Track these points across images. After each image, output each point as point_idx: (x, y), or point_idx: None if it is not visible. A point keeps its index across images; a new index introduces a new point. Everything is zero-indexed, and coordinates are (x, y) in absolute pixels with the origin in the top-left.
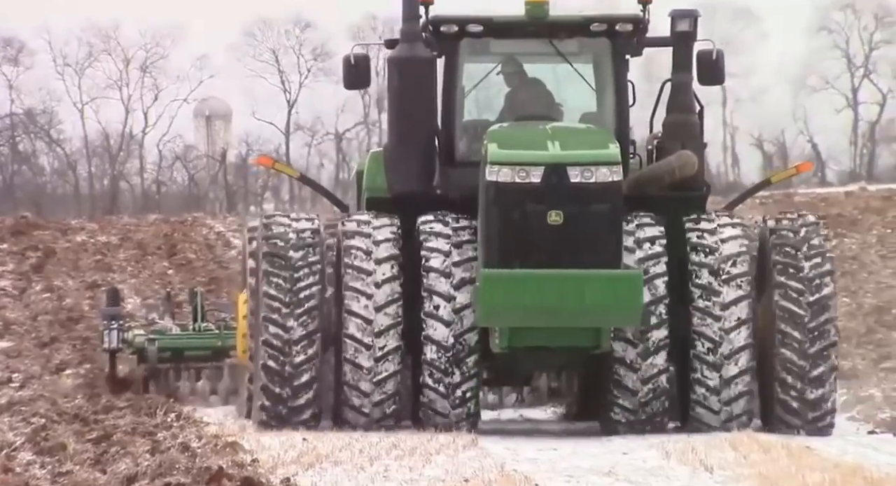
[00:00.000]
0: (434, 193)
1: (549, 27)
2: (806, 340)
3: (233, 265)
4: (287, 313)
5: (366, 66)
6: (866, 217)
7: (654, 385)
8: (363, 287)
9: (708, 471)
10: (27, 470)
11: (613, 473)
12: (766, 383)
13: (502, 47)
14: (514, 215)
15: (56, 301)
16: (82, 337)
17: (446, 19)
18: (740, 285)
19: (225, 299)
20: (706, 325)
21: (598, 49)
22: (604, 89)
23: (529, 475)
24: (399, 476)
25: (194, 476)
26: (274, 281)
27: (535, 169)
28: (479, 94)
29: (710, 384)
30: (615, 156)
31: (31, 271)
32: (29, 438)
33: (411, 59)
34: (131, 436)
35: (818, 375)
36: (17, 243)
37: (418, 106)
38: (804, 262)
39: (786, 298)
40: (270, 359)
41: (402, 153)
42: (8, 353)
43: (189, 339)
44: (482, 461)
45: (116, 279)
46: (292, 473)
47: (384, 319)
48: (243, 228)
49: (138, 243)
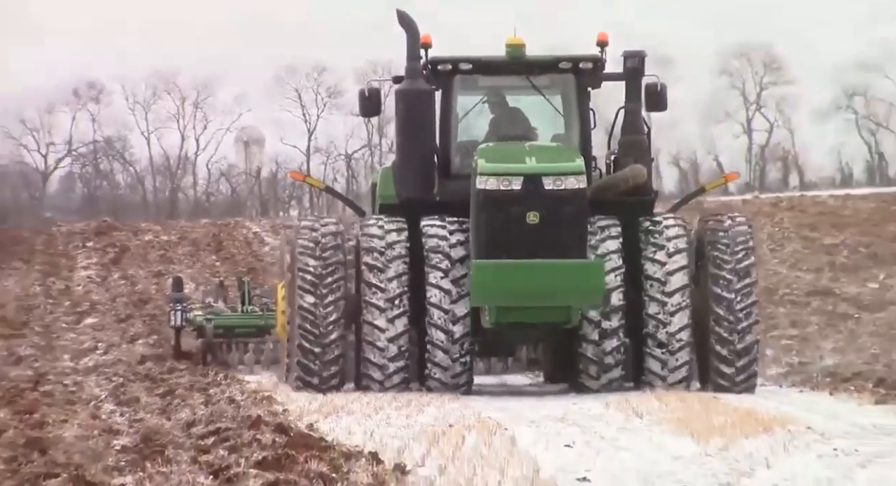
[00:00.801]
0: (434, 200)
1: (525, 66)
2: (734, 319)
3: (266, 258)
4: (317, 301)
5: (377, 97)
6: (758, 219)
7: (612, 357)
8: (378, 283)
9: (639, 417)
10: (110, 417)
11: (565, 418)
12: (703, 354)
13: (488, 82)
14: (499, 216)
15: (130, 286)
16: (150, 314)
17: (442, 60)
18: (682, 276)
19: (266, 287)
20: (654, 309)
21: (565, 83)
22: (570, 115)
23: (500, 421)
24: (398, 422)
25: (238, 422)
26: (306, 274)
27: (516, 179)
28: (470, 119)
29: (658, 356)
30: (580, 168)
31: (110, 263)
32: (111, 392)
33: (414, 92)
34: (189, 391)
35: (744, 347)
36: (99, 241)
37: (420, 130)
38: (733, 256)
39: (718, 285)
40: (303, 338)
41: (407, 168)
42: (94, 327)
43: (238, 319)
44: (463, 411)
45: (176, 269)
46: (314, 420)
47: (395, 308)
48: (281, 229)
49: (192, 240)
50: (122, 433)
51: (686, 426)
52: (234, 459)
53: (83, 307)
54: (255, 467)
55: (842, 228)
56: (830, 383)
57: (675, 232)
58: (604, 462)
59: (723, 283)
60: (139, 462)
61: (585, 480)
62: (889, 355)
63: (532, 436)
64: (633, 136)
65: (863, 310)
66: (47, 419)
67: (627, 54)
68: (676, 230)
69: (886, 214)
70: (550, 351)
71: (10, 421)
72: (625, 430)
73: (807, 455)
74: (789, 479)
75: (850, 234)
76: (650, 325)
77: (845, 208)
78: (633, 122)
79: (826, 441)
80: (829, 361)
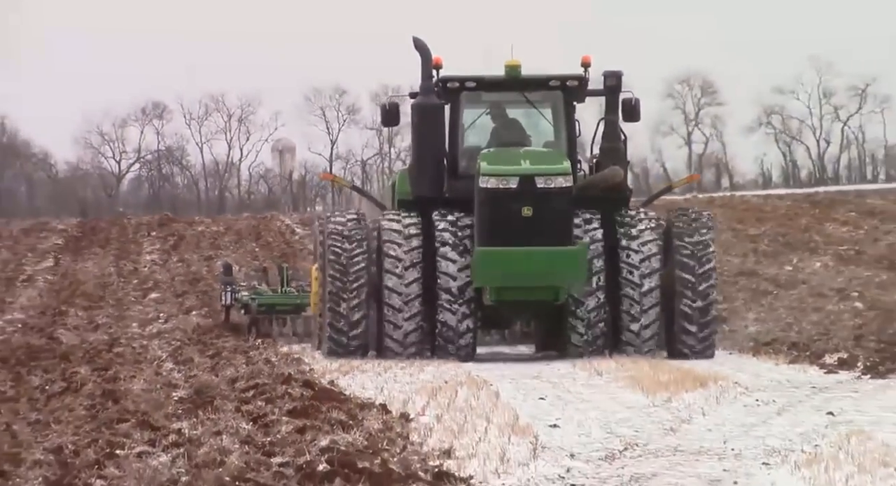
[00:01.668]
0: (444, 197)
1: (521, 83)
2: (696, 298)
3: (296, 245)
4: (344, 285)
5: (396, 110)
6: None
7: (595, 330)
8: (396, 270)
9: (599, 375)
10: (169, 374)
11: (540, 376)
12: (670, 327)
13: (490, 97)
14: (498, 210)
15: (185, 268)
16: (202, 291)
17: (451, 78)
18: (652, 262)
19: (300, 272)
20: (629, 290)
21: (555, 98)
22: (559, 125)
23: (486, 379)
24: (403, 379)
25: (273, 378)
26: (334, 261)
27: (513, 178)
28: (474, 128)
29: (633, 329)
30: (567, 169)
31: (170, 249)
32: (170, 354)
33: (427, 106)
34: (234, 354)
35: (704, 321)
36: (161, 232)
37: (432, 137)
38: (695, 245)
39: (682, 270)
40: (333, 314)
41: (421, 169)
42: (156, 300)
43: (279, 298)
44: (456, 371)
45: (223, 255)
46: (335, 377)
47: (410, 291)
48: (312, 222)
49: (236, 231)
50: (179, 387)
51: (637, 382)
52: (269, 408)
53: (148, 285)
54: (287, 415)
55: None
56: (753, 347)
57: (646, 224)
58: (571, 412)
59: (687, 267)
60: (193, 410)
61: (556, 426)
62: (800, 324)
63: (512, 390)
64: (612, 143)
65: (779, 288)
66: (119, 375)
67: (607, 74)
68: (648, 222)
69: (798, 210)
70: (541, 325)
71: (89, 376)
72: (588, 386)
73: (734, 405)
74: (720, 424)
75: (770, 226)
76: (626, 303)
77: (766, 205)
78: (611, 131)
79: (749, 394)
80: (752, 329)
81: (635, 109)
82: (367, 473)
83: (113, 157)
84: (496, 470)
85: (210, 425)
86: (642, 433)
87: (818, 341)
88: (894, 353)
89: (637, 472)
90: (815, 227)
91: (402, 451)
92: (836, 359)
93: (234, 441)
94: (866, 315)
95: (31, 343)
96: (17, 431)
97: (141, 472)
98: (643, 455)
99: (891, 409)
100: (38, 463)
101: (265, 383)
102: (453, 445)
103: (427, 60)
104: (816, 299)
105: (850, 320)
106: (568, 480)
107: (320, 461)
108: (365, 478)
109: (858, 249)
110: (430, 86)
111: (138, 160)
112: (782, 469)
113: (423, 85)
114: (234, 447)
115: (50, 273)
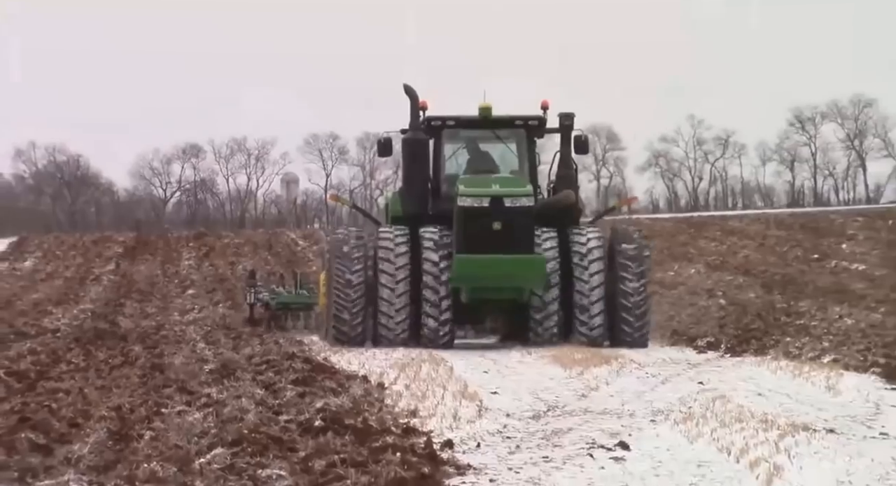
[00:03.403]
0: (428, 214)
1: (492, 122)
2: (634, 295)
3: (299, 255)
4: (346, 287)
5: (389, 144)
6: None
7: (550, 323)
8: (389, 272)
9: (529, 354)
10: (202, 352)
11: (484, 356)
12: (613, 321)
13: (466, 133)
14: (473, 225)
15: (214, 271)
16: (228, 289)
17: (434, 118)
18: (598, 267)
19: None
20: (580, 289)
21: (519, 135)
22: (522, 156)
23: (444, 357)
24: (381, 356)
25: (280, 356)
26: (339, 268)
27: (485, 199)
28: (453, 159)
29: (582, 321)
30: (530, 192)
31: (203, 256)
32: (202, 336)
33: (415, 140)
34: (250, 336)
35: (640, 313)
36: (196, 243)
37: (419, 166)
38: (633, 253)
39: (623, 271)
40: (337, 312)
41: (410, 192)
42: (192, 296)
43: (294, 298)
44: (421, 352)
45: (244, 261)
46: (328, 355)
47: (400, 290)
48: (321, 240)
49: (254, 243)
50: (209, 361)
51: (558, 360)
52: (277, 378)
53: (186, 284)
54: (291, 383)
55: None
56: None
57: (593, 236)
58: (507, 382)
59: (627, 272)
60: (219, 380)
61: (496, 393)
62: (679, 316)
63: (464, 366)
64: (566, 171)
65: (664, 288)
66: (164, 352)
67: (562, 115)
68: (594, 236)
69: (678, 230)
70: (506, 320)
71: (141, 353)
72: (521, 363)
73: (630, 377)
74: (620, 391)
75: (658, 241)
76: (577, 299)
77: (655, 225)
78: (565, 161)
79: (641, 368)
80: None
81: (585, 144)
82: (352, 428)
83: (160, 186)
84: (450, 426)
85: (232, 390)
86: (561, 398)
87: (692, 328)
88: (748, 337)
89: (557, 427)
90: (691, 242)
91: (378, 411)
92: (706, 342)
93: (250, 403)
94: (728, 309)
95: (97, 327)
96: (87, 394)
97: (180, 425)
98: (562, 415)
99: (745, 379)
100: (103, 418)
101: (274, 359)
102: (418, 407)
103: (415, 103)
104: (691, 296)
105: (715, 312)
106: (504, 433)
107: (316, 419)
108: (350, 432)
109: (723, 259)
110: (417, 124)
111: (179, 189)
112: (665, 425)
113: (412, 123)
114: (251, 408)
115: (112, 274)
